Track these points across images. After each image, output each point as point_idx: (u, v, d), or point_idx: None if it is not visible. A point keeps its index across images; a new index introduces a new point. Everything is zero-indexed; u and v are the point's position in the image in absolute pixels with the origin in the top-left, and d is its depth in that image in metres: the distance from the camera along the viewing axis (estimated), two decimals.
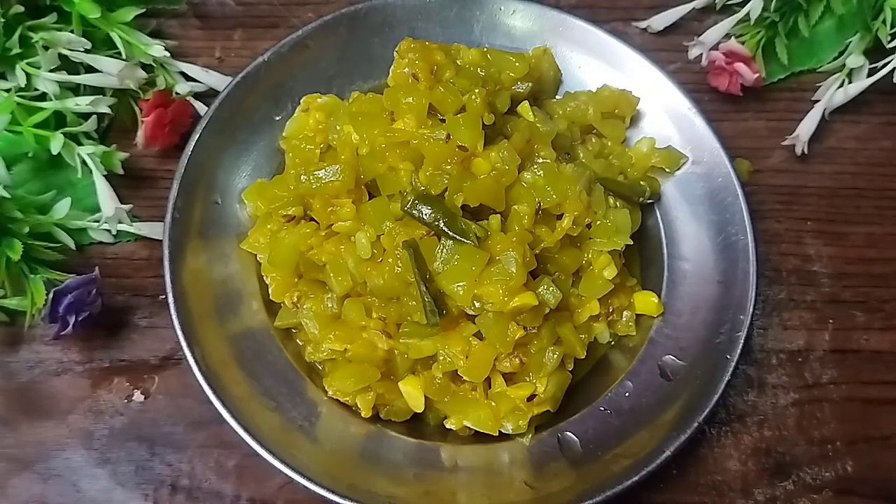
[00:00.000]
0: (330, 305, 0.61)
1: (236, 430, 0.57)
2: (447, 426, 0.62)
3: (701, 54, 0.72)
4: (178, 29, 0.75)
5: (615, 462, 0.59)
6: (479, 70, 0.64)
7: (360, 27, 0.69)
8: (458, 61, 0.64)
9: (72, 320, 0.62)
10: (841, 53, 0.72)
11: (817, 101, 0.72)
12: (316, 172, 0.60)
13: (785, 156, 0.73)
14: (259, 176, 0.66)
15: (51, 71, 0.66)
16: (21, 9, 0.66)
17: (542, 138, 0.63)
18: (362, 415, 0.61)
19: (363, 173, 0.60)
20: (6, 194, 0.63)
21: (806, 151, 0.71)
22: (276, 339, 0.63)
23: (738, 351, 0.61)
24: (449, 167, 0.59)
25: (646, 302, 0.65)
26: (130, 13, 0.69)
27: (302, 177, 0.61)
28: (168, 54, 0.70)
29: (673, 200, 0.68)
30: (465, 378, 0.60)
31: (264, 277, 0.64)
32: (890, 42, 0.70)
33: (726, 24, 0.72)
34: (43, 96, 0.67)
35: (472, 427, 0.61)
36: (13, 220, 0.64)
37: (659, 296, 0.65)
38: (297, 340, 0.64)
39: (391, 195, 0.60)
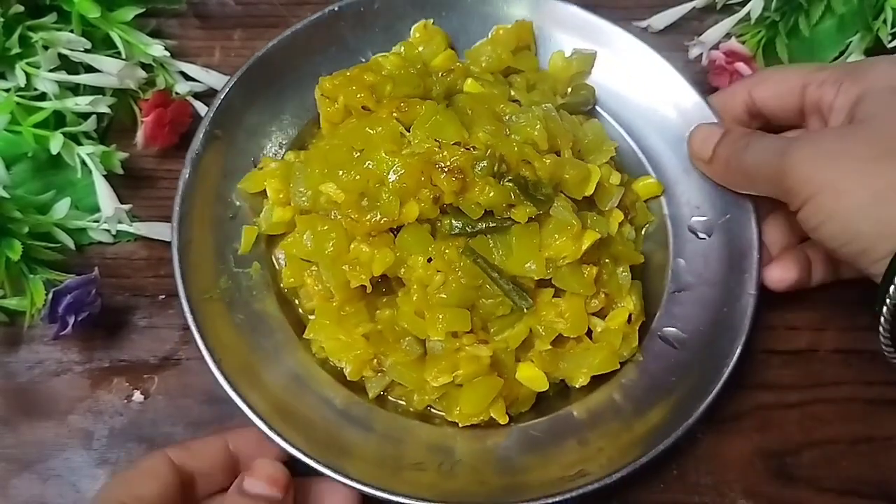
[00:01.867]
0: (412, 349, 0.60)
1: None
2: (576, 385, 0.62)
3: (701, 54, 0.73)
4: (177, 29, 0.75)
5: (718, 334, 0.62)
6: (410, 70, 0.63)
7: (248, 95, 0.66)
8: (383, 73, 0.63)
9: (71, 320, 0.62)
10: (842, 53, 0.73)
11: None
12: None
13: None
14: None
15: (50, 71, 0.66)
16: (21, 8, 0.66)
17: (497, 99, 0.63)
18: (500, 422, 0.61)
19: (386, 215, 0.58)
20: (5, 194, 0.63)
21: None
22: (376, 407, 0.62)
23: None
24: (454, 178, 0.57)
25: (647, 186, 0.68)
26: (130, 13, 0.69)
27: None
28: (168, 54, 0.70)
29: (610, 95, 0.70)
30: (569, 336, 0.61)
31: (334, 362, 0.63)
32: (890, 42, 0.70)
33: (727, 23, 0.72)
34: (42, 96, 0.67)
35: (597, 373, 0.62)
36: (13, 221, 0.63)
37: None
38: (392, 399, 0.63)
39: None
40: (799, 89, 0.62)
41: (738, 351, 0.60)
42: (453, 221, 0.58)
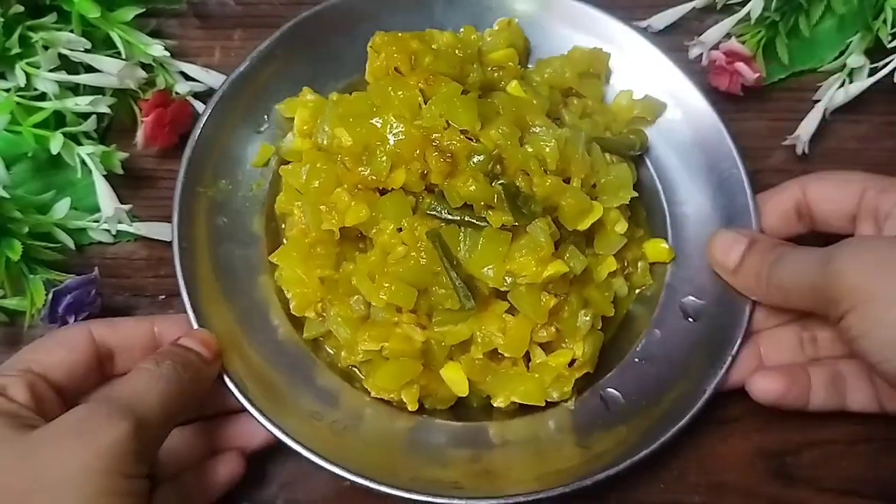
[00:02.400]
0: (357, 308, 0.61)
1: (291, 445, 0.57)
2: (495, 404, 0.62)
3: (701, 54, 0.72)
4: (177, 29, 0.75)
5: (659, 409, 0.61)
6: (456, 51, 0.64)
7: (322, 28, 0.68)
8: (433, 46, 0.64)
9: (71, 320, 0.62)
10: (842, 53, 0.72)
11: (818, 100, 0.72)
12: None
13: (785, 156, 0.73)
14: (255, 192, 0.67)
15: (50, 71, 0.66)
16: (21, 8, 0.66)
17: (536, 110, 0.63)
18: (409, 408, 0.61)
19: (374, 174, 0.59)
20: (5, 194, 0.63)
21: (807, 151, 0.71)
22: (307, 350, 0.63)
23: None
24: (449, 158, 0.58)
25: (657, 249, 0.66)
26: (130, 13, 0.69)
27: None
28: (168, 54, 0.69)
29: (661, 149, 0.69)
30: (505, 354, 0.60)
31: (284, 292, 0.64)
32: (891, 42, 0.70)
33: (727, 23, 0.72)
34: (43, 96, 0.67)
35: (518, 402, 0.61)
36: (13, 221, 0.63)
37: (667, 241, 0.66)
38: (328, 348, 0.64)
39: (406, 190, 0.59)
40: (858, 193, 0.60)
41: (670, 435, 0.59)
42: (433, 202, 0.59)
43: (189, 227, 0.63)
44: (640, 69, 0.69)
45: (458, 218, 0.58)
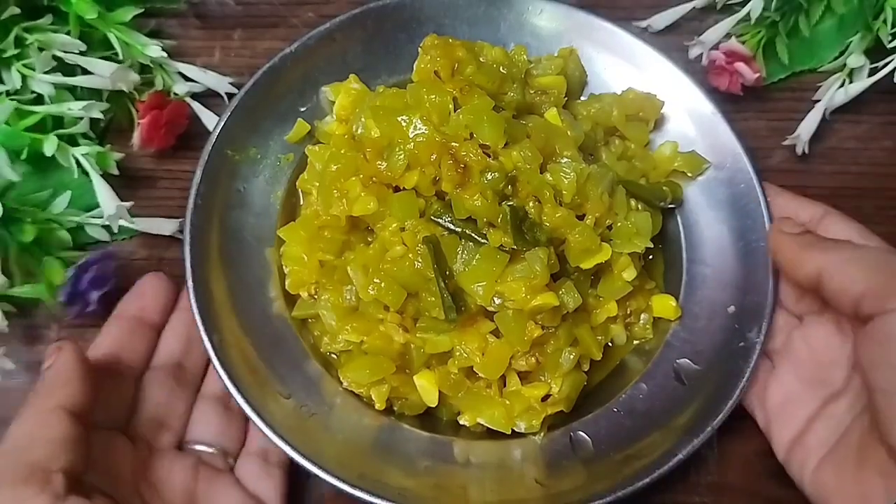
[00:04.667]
0: (348, 297, 0.61)
1: (249, 415, 0.58)
2: (461, 422, 0.62)
3: (701, 54, 0.72)
4: (177, 29, 0.74)
5: (627, 463, 0.60)
6: (500, 68, 0.64)
7: (387, 22, 0.69)
8: (481, 58, 0.64)
9: (95, 296, 0.62)
10: (842, 53, 0.72)
11: (818, 100, 0.72)
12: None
13: (786, 156, 0.73)
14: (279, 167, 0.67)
15: (46, 73, 0.66)
16: (17, 10, 0.65)
17: (568, 141, 0.62)
18: (376, 407, 0.61)
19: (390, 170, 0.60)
20: (15, 177, 0.64)
21: (807, 151, 0.71)
22: (294, 329, 0.64)
23: (755, 358, 0.61)
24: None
25: (664, 305, 0.65)
26: (128, 13, 0.69)
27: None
28: (165, 55, 0.69)
29: (694, 205, 0.68)
30: (480, 375, 0.60)
31: (284, 268, 0.65)
32: (891, 42, 0.69)
33: (727, 23, 0.71)
34: (39, 98, 0.66)
35: (485, 424, 0.61)
36: (17, 212, 0.63)
37: (677, 299, 0.65)
38: (314, 331, 0.64)
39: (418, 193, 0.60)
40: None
41: (629, 491, 0.58)
42: (440, 209, 0.59)
43: (208, 187, 0.64)
44: (693, 123, 0.68)
45: (460, 230, 0.58)
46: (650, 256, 0.67)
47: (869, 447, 0.54)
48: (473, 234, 0.58)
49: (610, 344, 0.65)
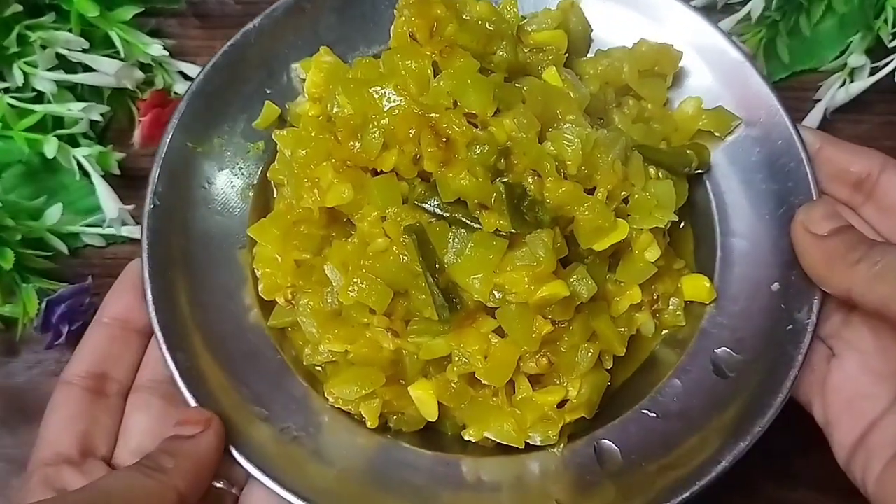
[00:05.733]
0: (330, 301, 0.54)
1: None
2: (466, 437, 0.54)
3: None
4: (177, 28, 0.74)
5: (662, 475, 0.52)
6: (487, 25, 0.55)
7: None
8: (464, 15, 0.56)
9: (65, 330, 0.62)
10: (842, 53, 0.71)
11: (819, 100, 0.71)
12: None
13: None
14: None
15: (48, 70, 0.65)
16: (19, 8, 0.65)
17: (571, 103, 0.54)
18: (368, 425, 0.54)
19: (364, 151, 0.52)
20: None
21: None
22: (272, 340, 0.57)
23: (807, 343, 0.53)
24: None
25: (696, 287, 0.57)
26: (129, 12, 0.68)
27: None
28: (167, 53, 0.68)
29: (725, 169, 0.59)
30: (484, 382, 0.52)
31: (255, 271, 0.58)
32: (891, 41, 0.69)
33: (727, 23, 0.69)
34: (40, 97, 0.66)
35: (493, 439, 0.53)
36: (5, 229, 0.62)
37: (711, 279, 0.57)
38: (296, 342, 0.57)
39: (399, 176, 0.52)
40: None
41: None
42: (425, 192, 0.51)
43: (168, 185, 0.57)
44: (718, 76, 0.60)
45: (449, 215, 0.50)
46: (678, 230, 0.59)
47: None
48: (464, 219, 0.50)
49: (636, 335, 0.57)
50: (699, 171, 0.58)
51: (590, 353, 0.52)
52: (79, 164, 0.65)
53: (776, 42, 0.71)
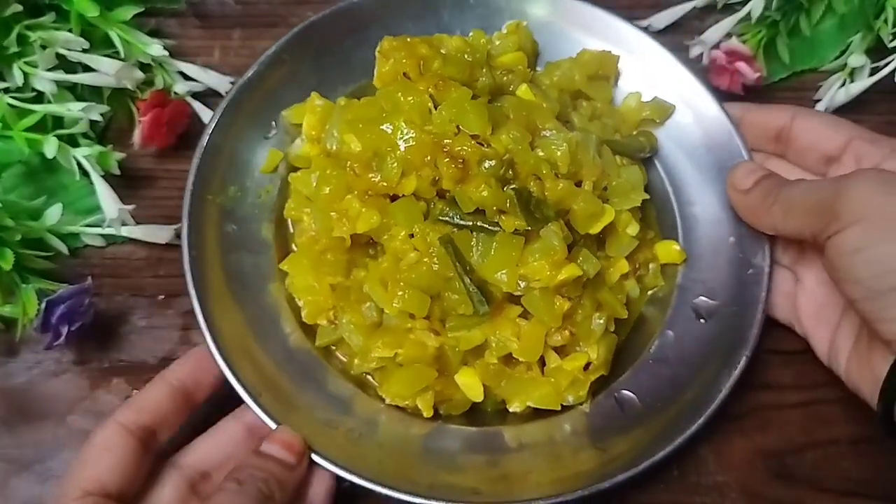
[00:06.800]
0: (369, 315, 0.61)
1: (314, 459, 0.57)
2: (510, 409, 0.62)
3: (702, 53, 0.72)
4: (177, 28, 0.75)
5: (674, 409, 0.61)
6: (465, 56, 0.63)
7: (331, 32, 0.68)
8: (442, 51, 0.64)
9: (64, 331, 0.61)
10: (842, 53, 0.72)
11: (819, 100, 0.72)
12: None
13: None
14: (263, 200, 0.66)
15: (48, 70, 0.66)
16: (19, 7, 0.66)
17: (546, 113, 0.63)
18: (424, 415, 0.61)
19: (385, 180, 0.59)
20: None
21: None
22: (319, 358, 0.63)
23: (766, 281, 0.63)
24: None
25: (668, 250, 0.66)
26: (129, 12, 0.69)
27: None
28: (167, 53, 0.69)
29: (670, 150, 0.69)
30: (519, 359, 0.60)
31: (295, 299, 0.64)
32: (892, 41, 0.70)
33: (727, 23, 0.72)
34: (40, 97, 0.66)
35: (534, 406, 0.61)
36: (5, 229, 0.62)
37: (678, 243, 0.66)
38: (340, 356, 0.64)
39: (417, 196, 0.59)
40: (845, 138, 0.61)
41: (687, 435, 0.59)
42: (445, 208, 0.58)
43: (198, 235, 0.62)
44: (649, 71, 0.69)
45: (471, 223, 0.58)
46: (644, 206, 0.67)
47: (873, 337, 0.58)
48: (485, 225, 0.58)
49: (626, 300, 0.65)
50: (650, 154, 0.68)
51: (602, 320, 0.61)
52: (79, 164, 0.65)
53: (776, 42, 0.72)
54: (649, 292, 0.67)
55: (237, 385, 0.58)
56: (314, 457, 0.57)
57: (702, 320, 0.64)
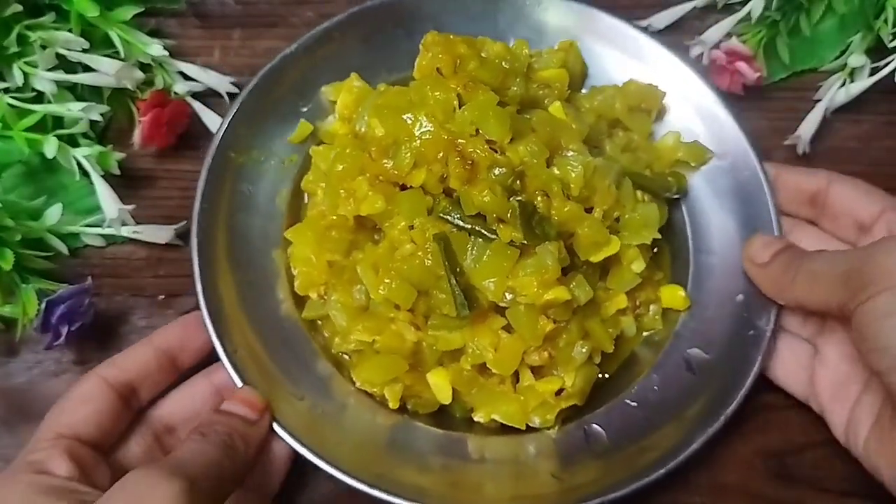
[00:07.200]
0: (358, 297, 0.61)
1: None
2: (475, 419, 0.62)
3: (702, 53, 0.72)
4: (177, 28, 0.75)
5: (641, 455, 0.60)
6: (502, 63, 0.63)
7: (385, 19, 0.69)
8: (482, 54, 0.64)
9: (64, 331, 0.61)
10: (843, 53, 0.72)
11: (819, 100, 0.72)
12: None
13: (786, 155, 0.72)
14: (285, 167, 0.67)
15: (48, 70, 0.66)
16: (19, 7, 0.66)
17: (573, 134, 0.62)
18: (390, 406, 0.61)
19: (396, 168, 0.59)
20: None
21: (808, 151, 0.71)
22: (304, 330, 0.64)
23: (764, 345, 0.61)
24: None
25: (673, 295, 0.65)
26: (129, 12, 0.69)
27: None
28: (167, 53, 0.69)
29: (699, 194, 0.68)
30: (493, 371, 0.60)
31: (291, 269, 0.65)
32: (892, 41, 0.70)
33: (727, 23, 0.72)
34: (40, 97, 0.66)
35: (500, 420, 0.61)
36: (5, 229, 0.62)
37: (685, 289, 0.65)
38: (324, 332, 0.64)
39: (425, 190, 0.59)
40: (879, 208, 0.61)
41: (644, 483, 0.58)
42: (448, 206, 0.59)
43: (213, 190, 0.63)
44: (695, 113, 0.68)
45: (470, 226, 0.58)
46: (656, 248, 0.66)
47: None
48: (483, 231, 0.58)
49: (620, 336, 0.64)
50: (677, 195, 0.67)
51: (584, 350, 0.60)
52: (79, 164, 0.65)
53: (776, 42, 0.72)
54: (645, 334, 0.65)
55: (214, 337, 0.59)
56: (277, 427, 0.58)
57: (691, 372, 0.63)
